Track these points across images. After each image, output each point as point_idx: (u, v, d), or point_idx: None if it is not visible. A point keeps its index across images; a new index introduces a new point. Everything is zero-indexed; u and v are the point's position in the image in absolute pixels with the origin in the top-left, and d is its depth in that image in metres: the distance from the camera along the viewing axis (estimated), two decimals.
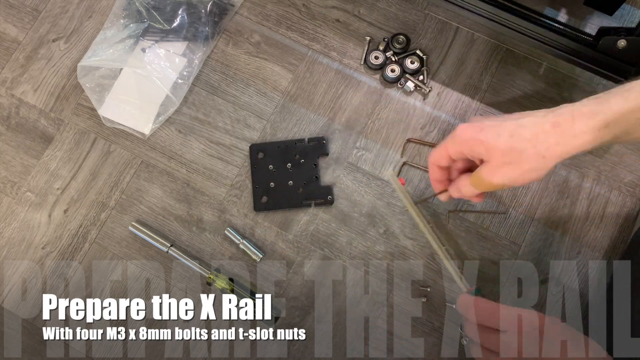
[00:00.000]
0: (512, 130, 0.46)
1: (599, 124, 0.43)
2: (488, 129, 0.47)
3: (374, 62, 0.72)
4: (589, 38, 0.62)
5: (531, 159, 0.45)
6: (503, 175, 0.47)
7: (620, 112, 0.42)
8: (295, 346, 0.65)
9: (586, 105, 0.44)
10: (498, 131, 0.47)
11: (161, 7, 0.74)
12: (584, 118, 0.43)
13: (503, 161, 0.47)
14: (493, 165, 0.48)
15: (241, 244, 0.67)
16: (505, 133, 0.46)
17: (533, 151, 0.45)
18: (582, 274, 0.67)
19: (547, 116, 0.46)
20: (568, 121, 0.44)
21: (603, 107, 0.43)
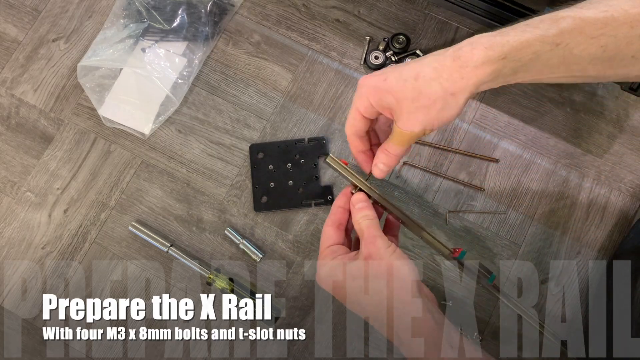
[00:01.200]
0: (417, 72, 0.45)
1: (496, 55, 0.43)
2: (391, 76, 0.46)
3: (374, 62, 0.72)
4: None
5: (441, 98, 0.45)
6: (420, 121, 0.46)
7: (516, 44, 0.43)
8: (295, 346, 0.65)
9: (485, 37, 0.44)
10: (402, 76, 0.46)
11: (161, 7, 0.74)
12: (482, 49, 0.43)
13: (415, 106, 0.46)
14: (407, 113, 0.46)
15: (241, 244, 0.67)
16: (410, 76, 0.45)
17: (440, 89, 0.44)
18: (582, 274, 0.67)
19: (447, 51, 0.45)
20: (467, 53, 0.44)
21: (502, 39, 0.43)
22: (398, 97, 0.46)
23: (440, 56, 0.45)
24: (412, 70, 0.45)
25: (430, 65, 0.45)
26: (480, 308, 0.66)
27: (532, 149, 0.70)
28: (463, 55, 0.44)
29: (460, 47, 0.44)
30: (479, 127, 0.71)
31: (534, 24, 0.43)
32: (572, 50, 0.42)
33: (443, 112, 0.45)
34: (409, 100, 0.45)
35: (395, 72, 0.46)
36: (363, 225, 0.49)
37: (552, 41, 0.42)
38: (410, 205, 0.68)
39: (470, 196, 0.69)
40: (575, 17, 0.42)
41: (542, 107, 0.71)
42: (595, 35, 0.41)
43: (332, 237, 0.51)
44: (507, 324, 0.65)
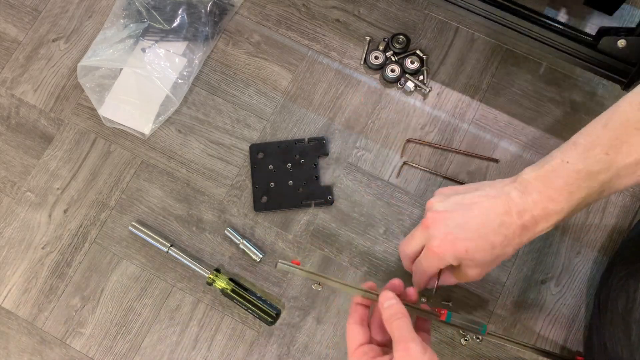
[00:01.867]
0: (491, 242, 0.50)
1: (554, 223, 0.49)
2: (470, 248, 0.51)
3: (374, 62, 0.72)
4: (589, 38, 0.62)
5: (512, 254, 0.52)
6: (489, 270, 0.54)
7: (569, 210, 0.48)
8: (295, 346, 0.65)
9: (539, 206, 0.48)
10: (480, 247, 0.51)
11: (161, 7, 0.74)
12: (543, 221, 0.49)
13: (491, 264, 0.53)
14: (482, 268, 0.53)
15: (241, 244, 0.67)
16: (488, 247, 0.50)
17: (513, 251, 0.51)
18: (582, 274, 0.67)
19: (512, 217, 0.49)
20: (533, 225, 0.49)
21: (555, 209, 0.48)
22: (479, 263, 0.53)
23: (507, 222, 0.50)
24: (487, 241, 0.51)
25: (502, 235, 0.51)
26: (480, 308, 0.66)
27: (532, 149, 0.70)
28: (530, 227, 0.50)
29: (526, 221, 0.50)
30: (479, 127, 0.71)
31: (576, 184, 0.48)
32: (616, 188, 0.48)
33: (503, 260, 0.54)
34: (487, 263, 0.53)
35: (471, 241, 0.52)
36: (394, 326, 0.48)
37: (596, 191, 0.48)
38: (410, 207, 0.68)
39: None
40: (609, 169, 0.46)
41: (542, 107, 0.71)
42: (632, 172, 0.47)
43: (359, 336, 0.51)
44: (507, 324, 0.65)
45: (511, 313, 0.65)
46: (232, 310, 0.66)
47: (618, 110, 0.46)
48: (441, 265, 0.53)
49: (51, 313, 0.67)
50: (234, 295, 0.64)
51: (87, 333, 0.67)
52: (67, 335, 0.67)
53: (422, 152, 0.70)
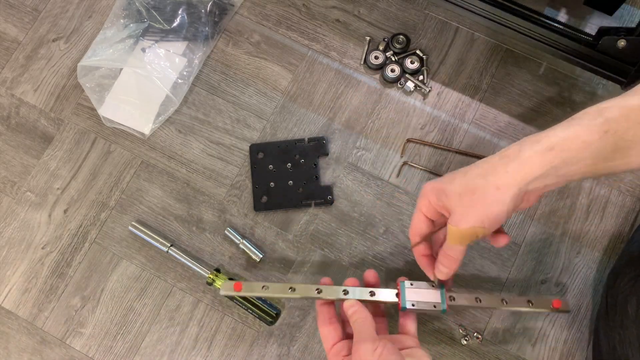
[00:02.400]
0: (465, 171, 0.47)
1: (542, 148, 0.43)
2: (446, 177, 0.49)
3: (374, 62, 0.72)
4: (589, 38, 0.62)
5: (486, 192, 0.45)
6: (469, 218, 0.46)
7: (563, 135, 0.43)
8: (295, 346, 0.65)
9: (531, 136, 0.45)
10: (454, 175, 0.48)
11: (161, 7, 0.74)
12: (528, 145, 0.44)
13: (462, 203, 0.46)
14: (456, 211, 0.47)
15: (241, 244, 0.67)
16: (459, 175, 0.47)
17: (485, 183, 0.45)
18: (582, 274, 0.67)
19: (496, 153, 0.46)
20: (515, 151, 0.45)
21: (547, 134, 0.44)
22: (449, 193, 0.47)
23: (489, 157, 0.47)
24: (462, 170, 0.48)
25: (478, 165, 0.47)
26: (480, 308, 0.66)
27: None
28: (510, 153, 0.45)
29: (508, 147, 0.46)
30: (479, 127, 0.71)
31: (579, 116, 0.44)
32: (622, 136, 0.42)
33: (490, 208, 0.45)
34: (457, 196, 0.47)
35: (450, 174, 0.48)
36: (354, 329, 0.50)
37: (599, 129, 0.42)
38: (410, 207, 0.68)
39: None
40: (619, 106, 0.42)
41: (542, 107, 0.71)
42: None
43: (329, 336, 0.52)
44: (507, 324, 0.65)
45: (511, 313, 0.65)
46: (232, 310, 0.66)
47: None
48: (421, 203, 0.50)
49: (51, 313, 0.67)
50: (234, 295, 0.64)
51: (87, 333, 0.67)
52: (67, 335, 0.67)
53: (422, 152, 0.70)
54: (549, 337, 0.65)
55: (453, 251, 0.49)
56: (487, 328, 0.65)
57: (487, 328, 0.65)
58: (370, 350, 0.46)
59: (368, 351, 0.46)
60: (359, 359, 0.46)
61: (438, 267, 0.51)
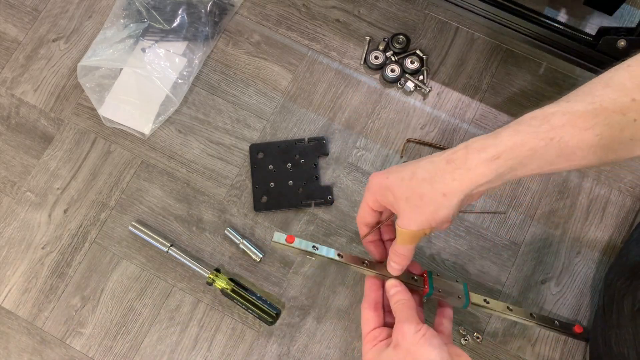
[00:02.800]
0: (412, 172, 0.47)
1: (489, 156, 0.43)
2: (393, 174, 0.48)
3: (374, 62, 0.72)
4: (589, 38, 0.62)
5: (432, 199, 0.46)
6: (414, 220, 0.47)
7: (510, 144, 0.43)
8: (295, 346, 0.65)
9: (478, 141, 0.45)
10: (401, 175, 0.47)
11: (161, 7, 0.74)
12: (475, 152, 0.44)
13: (410, 206, 0.47)
14: (405, 213, 0.48)
15: (241, 244, 0.67)
16: (407, 176, 0.47)
17: (432, 190, 0.45)
18: (582, 274, 0.67)
19: (444, 154, 0.46)
20: (461, 157, 0.44)
21: (495, 141, 0.44)
22: (396, 196, 0.48)
23: (435, 158, 0.46)
24: (409, 170, 0.47)
25: (424, 168, 0.46)
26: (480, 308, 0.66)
27: None
28: (457, 159, 0.45)
29: (455, 151, 0.45)
30: (479, 127, 0.71)
31: (526, 121, 0.44)
32: (567, 143, 0.42)
33: (436, 213, 0.46)
34: (404, 199, 0.47)
35: (397, 171, 0.48)
36: (396, 310, 0.51)
37: (545, 136, 0.42)
38: None
39: None
40: (565, 112, 0.42)
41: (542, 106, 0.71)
42: (589, 126, 0.42)
43: (371, 320, 0.52)
44: (507, 323, 0.65)
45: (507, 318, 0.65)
46: (232, 310, 0.66)
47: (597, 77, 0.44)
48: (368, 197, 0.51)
49: (51, 313, 0.67)
50: (234, 295, 0.64)
51: (87, 333, 0.67)
52: (67, 335, 0.67)
53: (422, 152, 0.70)
54: (549, 337, 0.65)
55: (403, 249, 0.51)
56: (487, 328, 0.65)
57: (487, 328, 0.65)
58: (413, 330, 0.47)
59: (411, 331, 0.47)
60: (402, 338, 0.47)
61: (390, 264, 0.53)
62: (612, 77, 0.43)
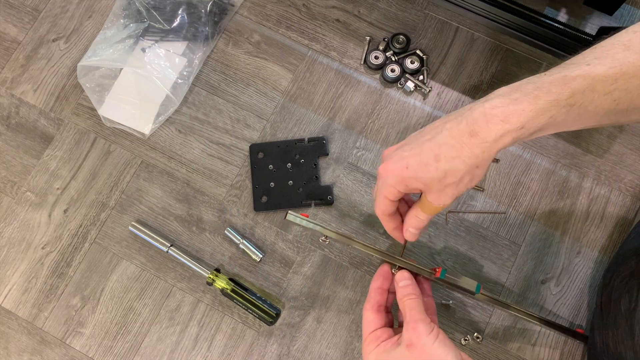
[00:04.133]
0: (435, 154, 0.45)
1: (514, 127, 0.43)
2: (412, 162, 0.47)
3: (374, 62, 0.72)
4: (589, 38, 0.62)
5: (467, 172, 0.45)
6: (450, 194, 0.47)
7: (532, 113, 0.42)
8: (295, 346, 0.65)
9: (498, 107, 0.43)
10: (422, 160, 0.46)
11: (161, 7, 0.74)
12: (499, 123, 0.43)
13: (443, 184, 0.46)
14: (437, 191, 0.47)
15: (241, 244, 0.67)
16: (431, 160, 0.46)
17: (465, 166, 0.45)
18: (582, 274, 0.67)
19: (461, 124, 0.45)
20: (484, 128, 0.43)
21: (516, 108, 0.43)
22: (425, 181, 0.47)
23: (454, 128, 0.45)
24: (430, 151, 0.46)
25: (448, 144, 0.45)
26: (480, 308, 0.66)
27: (532, 149, 0.70)
28: (480, 131, 0.43)
29: (475, 120, 0.44)
30: None
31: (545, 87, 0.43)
32: (586, 108, 0.42)
33: (471, 183, 0.46)
34: (436, 181, 0.46)
35: (414, 156, 0.47)
36: (406, 306, 0.50)
37: (566, 104, 0.42)
38: None
39: (470, 196, 0.69)
40: (585, 77, 0.42)
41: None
42: (608, 92, 0.42)
43: (373, 322, 0.52)
44: (507, 323, 0.65)
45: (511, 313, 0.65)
46: (232, 310, 0.66)
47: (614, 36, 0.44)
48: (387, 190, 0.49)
49: (51, 313, 0.67)
50: (234, 295, 0.64)
51: (87, 333, 0.67)
52: (67, 335, 0.67)
53: None
54: (549, 337, 0.65)
55: (426, 217, 0.51)
56: (487, 328, 0.65)
57: (487, 328, 0.65)
58: (427, 330, 0.47)
59: (426, 331, 0.47)
60: (416, 338, 0.47)
61: (407, 229, 0.53)
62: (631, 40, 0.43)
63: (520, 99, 0.43)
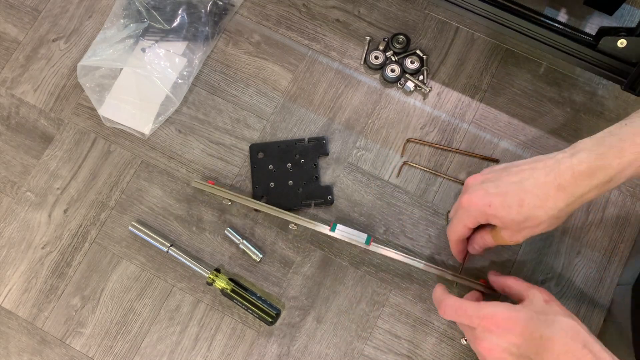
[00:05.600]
0: (519, 199, 0.48)
1: (600, 182, 0.45)
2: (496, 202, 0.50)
3: (374, 62, 0.72)
4: (589, 38, 0.62)
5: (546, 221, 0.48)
6: (524, 236, 0.51)
7: (619, 168, 0.44)
8: (295, 346, 0.65)
9: (585, 162, 0.45)
10: (507, 202, 0.49)
11: (161, 7, 0.74)
12: (585, 178, 0.45)
13: (520, 227, 0.50)
14: (514, 231, 0.51)
15: (241, 244, 0.67)
16: (515, 203, 0.48)
17: (546, 216, 0.48)
18: (582, 274, 0.67)
19: (548, 175, 0.47)
20: (571, 184, 0.45)
21: (603, 163, 0.44)
22: (504, 221, 0.50)
23: (541, 178, 0.47)
24: (516, 196, 0.48)
25: (533, 193, 0.47)
26: None
27: (532, 149, 0.70)
28: (568, 187, 0.46)
29: (561, 174, 0.46)
30: (479, 127, 0.71)
31: (629, 139, 0.44)
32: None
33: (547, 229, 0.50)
34: (515, 223, 0.50)
35: (499, 196, 0.49)
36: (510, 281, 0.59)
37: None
38: (410, 207, 0.68)
39: None
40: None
41: (542, 107, 0.71)
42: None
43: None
44: None
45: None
46: (232, 310, 0.67)
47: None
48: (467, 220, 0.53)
49: (51, 313, 0.67)
50: (234, 295, 0.64)
51: (87, 333, 0.67)
52: (67, 335, 0.67)
53: (422, 152, 0.70)
54: None
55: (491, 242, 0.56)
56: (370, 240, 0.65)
57: None
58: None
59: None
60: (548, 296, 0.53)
61: (473, 245, 0.59)
62: None
63: (605, 153, 0.44)
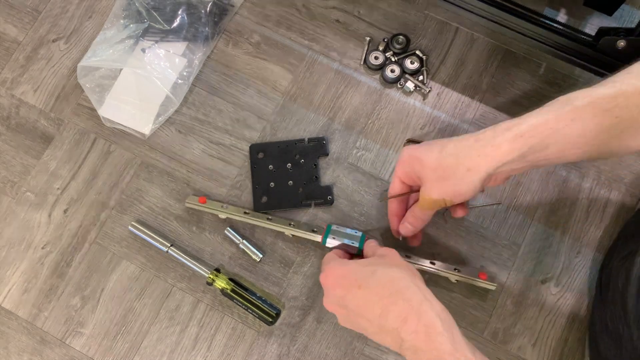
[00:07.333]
0: (441, 146, 0.51)
1: (513, 134, 0.47)
2: (423, 146, 0.53)
3: (373, 62, 0.72)
4: (589, 38, 0.62)
5: (457, 172, 0.50)
6: (439, 190, 0.52)
7: (533, 122, 0.47)
8: (295, 346, 0.65)
9: (506, 122, 0.49)
10: (431, 147, 0.52)
11: (161, 8, 0.74)
12: (501, 131, 0.48)
13: (435, 176, 0.52)
14: (429, 182, 0.53)
15: (241, 244, 0.67)
16: (436, 148, 0.52)
17: (457, 164, 0.50)
18: (582, 274, 0.67)
19: (473, 135, 0.50)
20: (488, 136, 0.48)
21: (520, 121, 0.48)
22: (423, 165, 0.53)
23: (465, 136, 0.51)
24: (439, 144, 0.52)
25: (454, 143, 0.51)
26: (480, 308, 0.66)
27: None
28: (483, 137, 0.49)
29: (483, 131, 0.50)
30: (479, 127, 0.71)
31: (549, 104, 0.48)
32: (588, 124, 0.45)
33: (459, 186, 0.51)
34: (431, 169, 0.52)
35: (428, 144, 0.54)
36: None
37: (567, 117, 0.46)
38: None
39: None
40: (586, 95, 0.46)
41: None
42: (608, 108, 0.45)
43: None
44: (507, 323, 0.65)
45: (511, 313, 0.65)
46: (232, 310, 0.66)
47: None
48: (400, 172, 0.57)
49: (51, 313, 0.67)
50: (234, 295, 0.64)
51: (87, 333, 0.67)
52: (67, 335, 0.67)
53: None
54: (549, 337, 0.65)
55: (421, 213, 0.57)
56: (487, 328, 0.65)
57: (487, 328, 0.65)
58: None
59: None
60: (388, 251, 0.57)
61: (404, 224, 0.60)
62: (633, 66, 0.46)
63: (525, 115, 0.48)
